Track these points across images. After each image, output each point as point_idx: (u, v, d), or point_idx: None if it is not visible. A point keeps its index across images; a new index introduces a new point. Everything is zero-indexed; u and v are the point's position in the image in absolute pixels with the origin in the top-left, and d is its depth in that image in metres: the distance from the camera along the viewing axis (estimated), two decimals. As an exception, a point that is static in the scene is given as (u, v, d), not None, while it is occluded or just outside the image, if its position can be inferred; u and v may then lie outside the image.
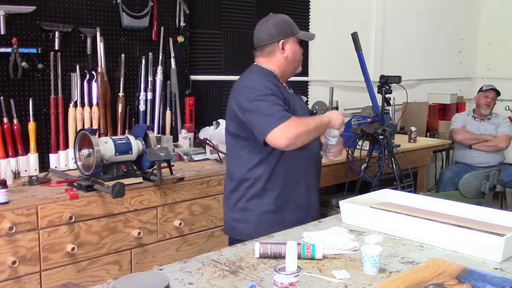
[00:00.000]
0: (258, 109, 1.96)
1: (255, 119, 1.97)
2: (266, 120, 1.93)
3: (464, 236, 1.68)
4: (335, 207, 3.54)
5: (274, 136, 1.91)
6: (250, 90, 2.02)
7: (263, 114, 1.95)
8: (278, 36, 2.11)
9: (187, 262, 1.58)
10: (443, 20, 5.59)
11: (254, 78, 2.08)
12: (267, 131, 1.92)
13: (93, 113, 2.86)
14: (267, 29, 2.13)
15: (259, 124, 1.96)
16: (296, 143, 1.95)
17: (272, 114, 1.93)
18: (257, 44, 2.16)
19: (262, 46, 2.14)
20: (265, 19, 2.18)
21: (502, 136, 4.54)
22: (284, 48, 2.13)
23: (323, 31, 4.27)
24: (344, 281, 1.46)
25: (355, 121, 3.47)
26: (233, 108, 2.05)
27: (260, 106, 1.96)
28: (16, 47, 2.54)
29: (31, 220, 2.19)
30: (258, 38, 2.15)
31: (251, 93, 2.00)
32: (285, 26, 2.14)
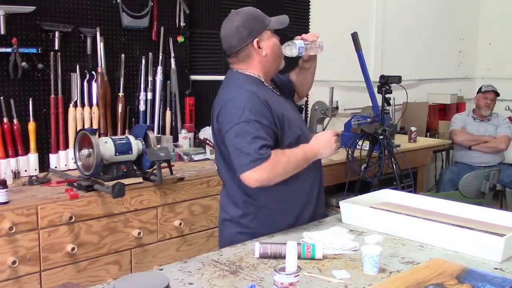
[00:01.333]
0: (236, 141, 1.78)
1: (232, 151, 1.81)
2: (241, 159, 1.77)
3: (464, 236, 1.68)
4: (335, 207, 3.53)
5: (245, 177, 1.77)
6: (232, 113, 1.81)
7: (239, 149, 1.77)
8: (250, 36, 1.88)
9: (187, 262, 1.58)
10: (443, 20, 5.58)
11: (240, 97, 1.84)
12: (240, 171, 1.77)
13: (93, 113, 2.86)
14: (236, 32, 1.89)
15: (234, 159, 1.80)
16: (270, 183, 1.81)
17: (248, 153, 1.75)
18: (229, 51, 1.93)
19: (236, 52, 1.91)
20: (229, 19, 1.93)
21: (502, 137, 4.54)
22: (261, 46, 1.91)
23: (323, 31, 4.24)
24: (344, 281, 1.46)
25: (355, 121, 3.47)
26: (215, 126, 1.91)
27: (239, 137, 1.78)
28: (16, 47, 2.54)
29: (31, 220, 2.19)
30: (228, 44, 1.92)
31: (234, 117, 1.80)
32: (254, 22, 1.90)
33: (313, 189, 2.00)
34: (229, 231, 1.97)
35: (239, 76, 1.93)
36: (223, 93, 1.92)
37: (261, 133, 1.78)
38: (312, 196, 2.00)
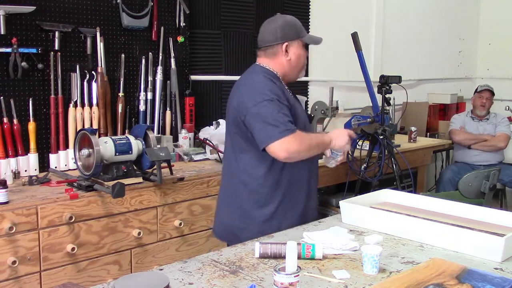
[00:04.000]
0: (262, 115, 1.89)
1: (258, 125, 1.89)
2: (269, 129, 1.87)
3: (464, 236, 1.68)
4: (335, 207, 3.54)
5: (275, 147, 1.86)
6: (254, 92, 1.94)
7: (266, 122, 1.88)
8: (282, 38, 2.05)
9: (187, 262, 1.58)
10: (443, 20, 5.59)
11: (259, 80, 2.00)
12: (268, 141, 1.86)
13: (93, 113, 2.86)
14: (273, 30, 2.07)
15: (261, 131, 1.89)
16: (296, 157, 1.91)
17: (276, 124, 1.86)
18: (261, 43, 2.11)
19: (266, 47, 2.09)
20: (273, 18, 2.13)
21: (501, 136, 4.54)
22: (288, 51, 2.06)
23: (323, 31, 4.25)
24: (344, 281, 1.46)
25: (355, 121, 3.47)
26: (235, 109, 1.99)
27: (264, 112, 1.89)
28: (16, 47, 2.54)
29: (31, 220, 2.19)
30: (262, 37, 2.11)
31: (256, 96, 1.93)
32: (290, 28, 2.07)
33: (311, 186, 2.15)
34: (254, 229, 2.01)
35: (259, 68, 2.09)
36: (247, 79, 2.06)
37: (284, 110, 1.92)
38: (311, 192, 2.16)
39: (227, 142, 2.12)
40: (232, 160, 2.07)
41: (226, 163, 2.16)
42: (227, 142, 2.12)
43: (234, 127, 2.02)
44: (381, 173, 3.21)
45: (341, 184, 3.42)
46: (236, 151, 2.05)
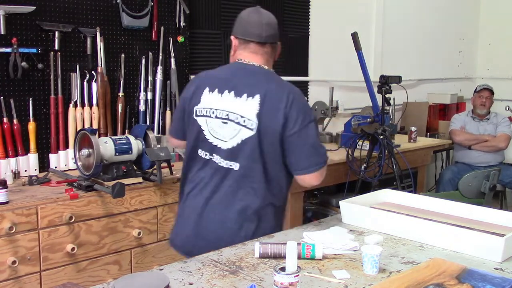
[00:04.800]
0: (313, 140, 1.82)
1: (305, 147, 1.81)
2: (316, 156, 1.84)
3: (464, 236, 1.68)
4: (335, 207, 3.53)
5: (315, 175, 1.86)
6: (302, 107, 1.82)
7: (315, 147, 1.83)
8: (278, 38, 1.96)
9: (187, 262, 1.58)
10: (443, 20, 5.59)
11: (299, 92, 1.86)
12: (311, 169, 1.83)
13: (93, 113, 2.86)
14: (275, 24, 1.93)
15: (306, 156, 1.81)
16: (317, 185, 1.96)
17: (323, 153, 1.86)
18: (271, 39, 1.91)
19: (272, 43, 1.93)
20: (267, 13, 1.94)
21: (501, 136, 4.54)
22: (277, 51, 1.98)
23: (323, 31, 4.28)
24: (344, 281, 1.46)
25: (355, 121, 3.47)
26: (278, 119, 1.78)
27: (315, 137, 1.83)
28: (16, 47, 2.54)
29: (31, 220, 2.19)
30: (274, 32, 1.92)
31: (305, 112, 1.82)
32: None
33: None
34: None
35: (272, 73, 1.93)
36: (278, 87, 1.84)
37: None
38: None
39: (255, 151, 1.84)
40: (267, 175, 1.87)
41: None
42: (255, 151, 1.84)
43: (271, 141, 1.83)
44: (381, 173, 3.21)
45: (341, 184, 3.42)
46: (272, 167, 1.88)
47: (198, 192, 1.91)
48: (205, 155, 1.90)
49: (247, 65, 1.91)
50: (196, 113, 1.91)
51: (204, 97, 1.90)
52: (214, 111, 1.87)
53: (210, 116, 1.88)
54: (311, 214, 3.62)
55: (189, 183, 1.96)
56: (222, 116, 1.85)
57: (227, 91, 1.86)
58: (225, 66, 1.99)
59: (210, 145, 1.88)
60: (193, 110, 1.92)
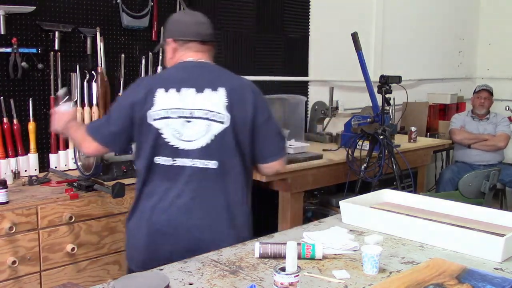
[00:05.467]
0: (277, 127, 1.87)
1: (272, 135, 1.85)
2: (283, 141, 1.89)
3: (464, 236, 1.68)
4: (335, 207, 3.53)
5: (283, 160, 1.90)
6: (263, 98, 1.87)
7: (280, 134, 1.87)
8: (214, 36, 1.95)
9: (187, 262, 1.58)
10: (443, 20, 5.59)
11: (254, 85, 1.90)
12: (283, 153, 1.89)
13: (93, 113, 2.86)
14: (209, 24, 1.93)
15: (275, 142, 1.85)
16: None
17: (285, 138, 1.90)
18: (210, 37, 1.90)
19: (211, 42, 1.92)
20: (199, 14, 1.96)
21: (501, 135, 4.55)
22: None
23: (323, 31, 4.27)
24: (344, 281, 1.46)
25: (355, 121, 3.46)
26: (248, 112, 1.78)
27: (276, 123, 1.87)
28: (16, 47, 2.54)
29: (31, 220, 2.19)
30: (211, 31, 1.91)
31: (266, 103, 1.86)
32: None
33: None
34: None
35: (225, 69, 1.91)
36: (239, 80, 1.87)
37: None
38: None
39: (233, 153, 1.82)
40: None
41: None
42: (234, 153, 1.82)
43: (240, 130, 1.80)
44: (381, 173, 3.20)
45: (341, 184, 3.42)
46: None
47: (170, 203, 1.77)
48: (166, 161, 1.78)
49: (198, 62, 1.85)
50: (151, 117, 1.77)
51: (158, 99, 1.77)
52: (174, 111, 1.76)
53: (170, 117, 1.76)
54: (311, 214, 3.62)
55: (150, 196, 1.81)
56: (185, 115, 1.76)
57: (186, 89, 1.78)
58: (174, 67, 1.89)
59: (172, 149, 1.76)
60: (146, 115, 1.77)
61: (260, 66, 3.80)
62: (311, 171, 3.15)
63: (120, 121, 1.83)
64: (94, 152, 1.95)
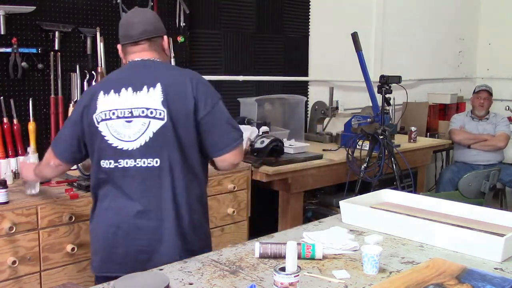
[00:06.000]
0: (227, 116, 1.79)
1: (221, 125, 1.78)
2: (234, 132, 1.79)
3: (464, 236, 1.69)
4: (335, 207, 3.53)
5: (237, 151, 1.80)
6: (208, 87, 1.80)
7: (231, 124, 1.80)
8: (162, 31, 1.88)
9: (187, 262, 1.59)
10: (443, 20, 5.59)
11: (198, 75, 1.85)
12: (234, 144, 1.79)
13: (93, 113, 2.86)
14: (154, 20, 1.87)
15: (225, 133, 1.78)
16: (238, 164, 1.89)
17: (237, 128, 1.80)
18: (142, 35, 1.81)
19: (149, 38, 1.83)
20: (141, 11, 1.92)
21: (501, 135, 4.55)
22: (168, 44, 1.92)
23: (323, 31, 4.28)
24: (344, 281, 1.46)
25: (355, 121, 3.47)
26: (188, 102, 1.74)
27: (227, 113, 1.80)
28: (16, 47, 2.54)
29: (31, 220, 2.19)
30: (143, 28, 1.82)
31: (211, 92, 1.80)
32: (162, 23, 1.91)
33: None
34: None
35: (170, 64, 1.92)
36: (179, 73, 1.83)
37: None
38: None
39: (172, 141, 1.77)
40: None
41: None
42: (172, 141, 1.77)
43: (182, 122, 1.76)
44: (381, 173, 3.21)
45: (341, 184, 3.42)
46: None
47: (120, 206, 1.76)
48: (110, 164, 1.75)
49: (140, 61, 1.83)
50: (96, 121, 1.76)
51: (100, 102, 1.77)
52: (114, 112, 1.75)
53: (110, 118, 1.75)
54: (311, 214, 3.62)
55: (103, 199, 1.82)
56: (125, 115, 1.74)
57: (124, 89, 1.76)
58: (118, 69, 1.92)
59: (115, 151, 1.75)
60: (93, 119, 1.77)
61: (260, 66, 3.80)
62: (311, 171, 3.15)
63: (69, 132, 1.85)
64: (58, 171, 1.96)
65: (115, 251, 1.78)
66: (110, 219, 1.79)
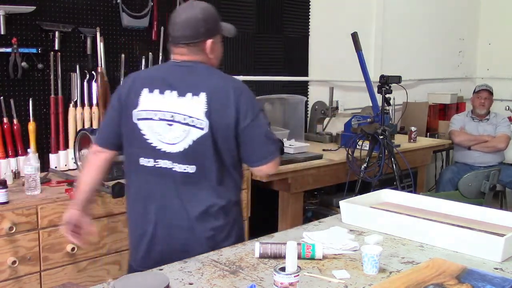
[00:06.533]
0: (265, 129, 1.78)
1: (259, 138, 1.77)
2: (271, 145, 1.80)
3: (464, 236, 1.68)
4: (335, 207, 3.53)
5: (272, 163, 1.80)
6: (249, 99, 1.77)
7: (268, 137, 1.78)
8: (205, 35, 1.79)
9: (187, 262, 1.58)
10: (443, 20, 5.59)
11: (242, 84, 1.81)
12: (269, 157, 1.78)
13: (93, 113, 2.86)
14: (195, 23, 1.78)
15: (261, 145, 1.77)
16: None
17: (276, 140, 1.81)
18: (181, 39, 1.78)
19: (187, 43, 1.78)
20: (190, 7, 1.81)
21: (501, 137, 4.54)
22: (212, 48, 1.82)
23: (323, 31, 4.28)
24: (344, 281, 1.46)
25: (355, 121, 3.47)
26: (229, 114, 1.72)
27: (266, 126, 1.79)
28: (16, 47, 2.54)
29: (31, 220, 2.19)
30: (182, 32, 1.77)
31: (252, 103, 1.77)
32: (213, 22, 1.83)
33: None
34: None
35: (213, 69, 1.83)
36: (223, 82, 1.78)
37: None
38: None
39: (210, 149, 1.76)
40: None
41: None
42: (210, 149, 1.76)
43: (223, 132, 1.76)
44: (381, 173, 3.21)
45: (341, 184, 3.42)
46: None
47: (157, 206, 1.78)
48: (148, 163, 1.76)
49: (181, 62, 1.80)
50: (135, 117, 1.77)
51: (143, 99, 1.77)
52: (156, 113, 1.74)
53: (152, 119, 1.75)
54: (311, 214, 3.62)
55: (139, 196, 1.82)
56: (166, 118, 1.74)
57: (169, 91, 1.75)
58: (161, 65, 1.90)
59: (154, 150, 1.75)
60: (132, 114, 1.77)
61: (260, 66, 3.80)
62: (311, 171, 3.15)
63: (109, 122, 1.86)
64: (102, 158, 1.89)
65: (152, 249, 1.79)
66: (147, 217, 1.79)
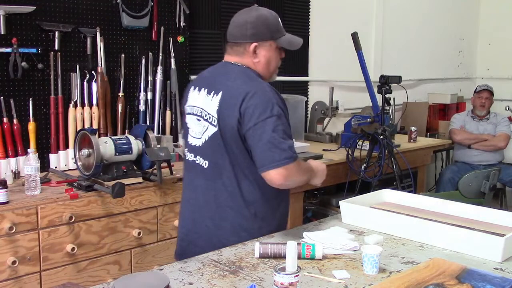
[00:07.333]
0: (270, 135, 1.68)
1: (261, 143, 1.69)
2: (274, 153, 1.67)
3: (464, 236, 1.68)
4: (335, 207, 3.53)
5: (275, 172, 1.68)
6: (259, 103, 1.70)
7: (272, 143, 1.67)
8: (250, 38, 1.83)
9: (187, 262, 1.59)
10: (443, 20, 5.59)
11: (260, 88, 1.75)
12: (271, 165, 1.68)
13: (93, 113, 2.86)
14: (243, 25, 1.85)
15: (264, 151, 1.69)
16: (289, 186, 1.78)
17: (283, 149, 1.67)
18: (228, 37, 1.88)
19: (232, 43, 1.87)
20: (248, 10, 1.90)
21: (501, 136, 4.55)
22: (257, 52, 1.83)
23: (323, 31, 4.28)
24: (344, 281, 1.46)
25: (355, 121, 3.47)
26: (233, 115, 1.73)
27: (272, 132, 1.68)
28: (16, 47, 2.54)
29: (31, 220, 2.19)
30: (231, 30, 1.89)
31: (262, 108, 1.70)
32: (263, 27, 1.84)
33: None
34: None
35: (248, 71, 1.83)
36: (242, 84, 1.77)
37: (288, 130, 1.74)
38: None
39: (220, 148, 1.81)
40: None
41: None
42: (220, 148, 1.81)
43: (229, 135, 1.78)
44: (381, 173, 3.21)
45: (341, 184, 3.42)
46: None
47: (190, 196, 1.94)
48: (188, 156, 1.93)
49: (223, 62, 1.92)
50: (185, 112, 1.97)
51: (190, 96, 1.95)
52: (192, 108, 1.91)
53: (190, 113, 1.92)
54: (311, 214, 3.62)
55: (184, 188, 2.01)
56: (197, 113, 1.88)
57: (204, 89, 1.87)
58: (214, 66, 1.98)
59: (190, 145, 1.92)
60: (184, 109, 1.98)
61: (260, 66, 3.80)
62: (311, 171, 3.14)
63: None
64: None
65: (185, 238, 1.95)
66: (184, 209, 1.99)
